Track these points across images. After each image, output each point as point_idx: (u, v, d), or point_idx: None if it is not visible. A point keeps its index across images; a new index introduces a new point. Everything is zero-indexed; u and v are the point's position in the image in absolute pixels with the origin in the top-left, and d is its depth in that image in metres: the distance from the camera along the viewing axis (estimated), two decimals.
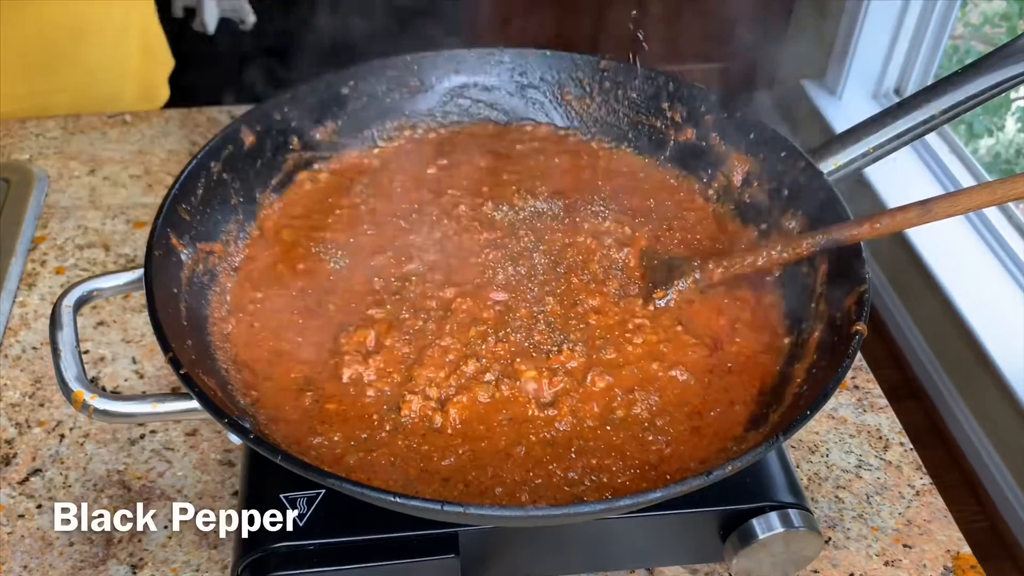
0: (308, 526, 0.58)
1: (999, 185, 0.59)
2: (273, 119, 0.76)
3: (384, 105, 0.83)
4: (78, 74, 1.17)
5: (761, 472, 0.62)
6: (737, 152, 0.77)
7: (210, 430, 0.75)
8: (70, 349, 0.57)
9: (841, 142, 0.71)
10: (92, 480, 0.71)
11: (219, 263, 0.70)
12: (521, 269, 0.71)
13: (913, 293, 2.05)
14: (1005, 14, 2.21)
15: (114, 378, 0.79)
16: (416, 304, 0.68)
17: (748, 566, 0.62)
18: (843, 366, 0.55)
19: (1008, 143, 2.18)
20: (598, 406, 0.61)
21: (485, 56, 0.84)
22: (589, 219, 0.76)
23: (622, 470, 0.58)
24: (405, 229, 0.75)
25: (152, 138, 1.07)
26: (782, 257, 0.66)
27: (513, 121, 0.86)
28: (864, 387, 0.82)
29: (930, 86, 0.69)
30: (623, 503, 0.48)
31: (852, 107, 2.31)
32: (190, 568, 0.66)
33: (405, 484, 0.56)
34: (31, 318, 0.84)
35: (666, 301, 0.69)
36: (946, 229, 1.95)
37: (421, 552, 0.58)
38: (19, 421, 0.76)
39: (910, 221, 0.62)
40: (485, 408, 0.61)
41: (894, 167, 2.08)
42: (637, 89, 0.82)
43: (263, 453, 0.50)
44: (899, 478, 0.74)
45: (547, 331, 0.66)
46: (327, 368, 0.63)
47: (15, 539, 0.67)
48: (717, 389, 0.64)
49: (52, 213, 0.96)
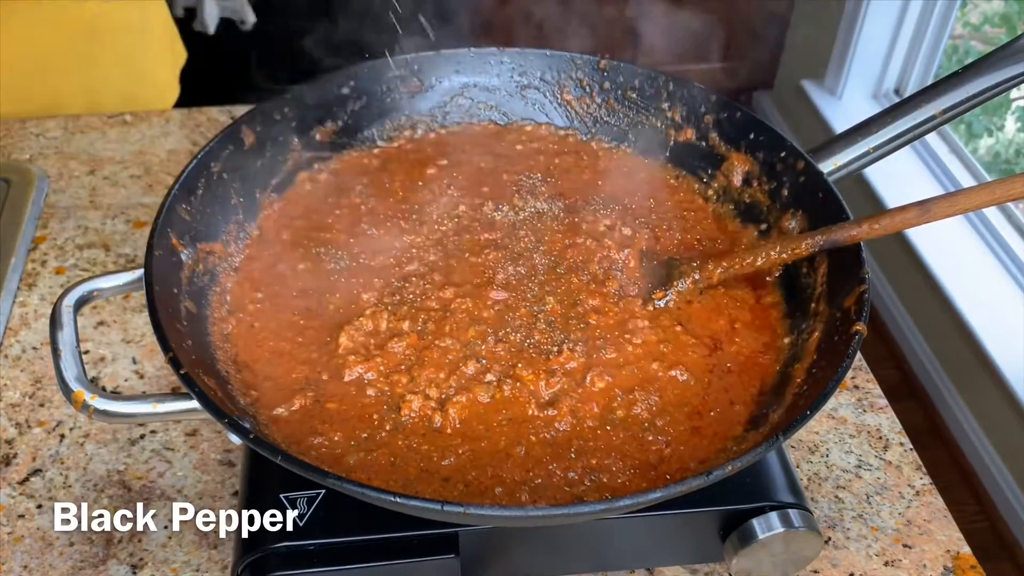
0: (308, 526, 0.58)
1: (998, 185, 0.59)
2: (273, 119, 0.76)
3: (384, 105, 0.83)
4: (95, 74, 1.17)
5: (761, 472, 0.62)
6: (737, 152, 0.77)
7: (210, 430, 0.75)
8: (70, 349, 0.57)
9: (841, 142, 0.71)
10: (92, 480, 0.71)
11: (219, 263, 0.70)
12: (521, 269, 0.71)
13: (913, 293, 2.05)
14: (1005, 14, 2.21)
15: (114, 378, 0.79)
16: (416, 304, 0.68)
17: (748, 566, 0.62)
18: (843, 366, 0.55)
19: (1008, 143, 2.18)
20: (598, 406, 0.61)
21: (485, 56, 0.84)
22: (589, 219, 0.76)
23: (622, 470, 0.58)
24: (405, 229, 0.75)
25: (152, 138, 1.07)
26: (781, 258, 0.66)
27: (513, 121, 0.86)
28: (864, 387, 0.82)
29: (930, 86, 0.69)
30: (623, 503, 0.48)
31: (852, 107, 2.31)
32: (190, 568, 0.66)
33: (405, 484, 0.56)
34: (31, 318, 0.84)
35: (665, 302, 0.69)
36: (946, 229, 1.95)
37: (421, 552, 0.58)
38: (19, 421, 0.76)
39: (909, 222, 0.62)
40: (485, 408, 0.61)
41: (894, 167, 2.08)
42: (637, 89, 0.82)
43: (263, 453, 0.50)
44: (899, 478, 0.74)
45: (547, 331, 0.66)
46: (327, 368, 0.63)
47: (15, 539, 0.67)
48: (717, 389, 0.64)
49: (52, 213, 0.96)
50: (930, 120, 0.68)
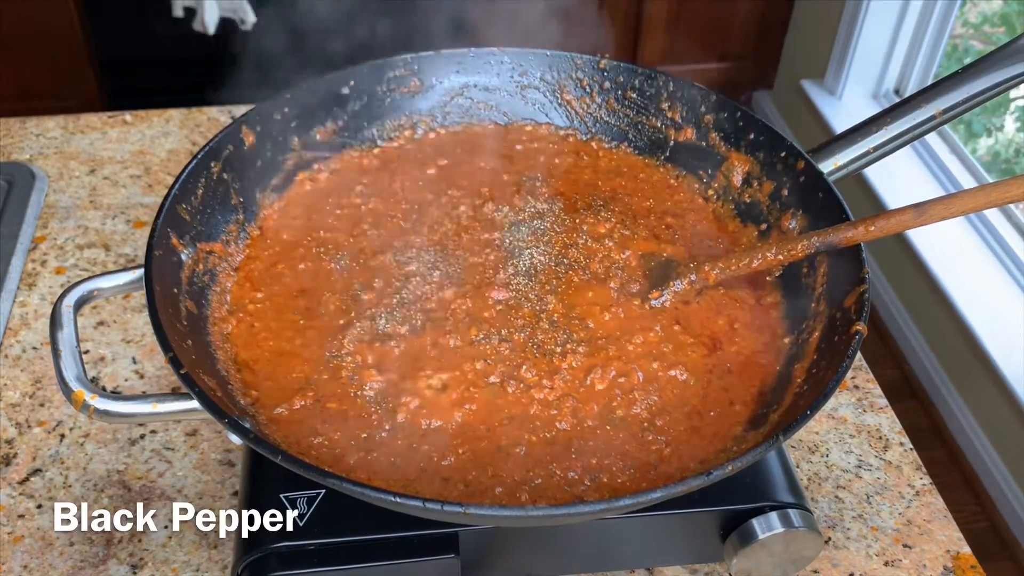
0: (308, 526, 0.58)
1: (993, 188, 0.59)
2: (273, 119, 0.76)
3: (384, 105, 0.83)
4: None
5: (761, 472, 0.62)
6: (737, 152, 0.77)
7: (210, 430, 0.75)
8: (70, 349, 0.57)
9: (841, 142, 0.71)
10: (92, 480, 0.71)
11: (219, 263, 0.70)
12: (522, 269, 0.71)
13: (913, 293, 2.05)
14: (1004, 14, 2.21)
15: (114, 378, 0.79)
16: (416, 304, 0.68)
17: (748, 566, 0.62)
18: (843, 366, 0.55)
19: (1008, 143, 2.18)
20: (598, 406, 0.61)
21: (485, 56, 0.84)
22: (589, 220, 0.76)
23: (622, 470, 0.58)
24: (405, 229, 0.75)
25: (152, 138, 1.07)
26: (778, 259, 0.66)
27: (513, 121, 0.86)
28: (864, 387, 0.82)
29: (930, 86, 0.69)
30: (623, 503, 0.48)
31: (852, 107, 2.31)
32: (190, 568, 0.66)
33: (405, 484, 0.56)
34: (31, 318, 0.84)
35: (661, 302, 0.69)
36: (946, 229, 1.95)
37: (421, 552, 0.58)
38: (19, 421, 0.76)
39: (905, 224, 0.62)
40: (485, 408, 0.61)
41: (894, 167, 2.08)
42: (637, 89, 0.82)
43: (263, 453, 0.50)
44: (899, 478, 0.74)
45: (550, 330, 0.66)
46: (327, 368, 0.63)
47: (15, 539, 0.67)
48: (717, 389, 0.64)
49: (52, 213, 0.96)
50: (930, 120, 0.68)
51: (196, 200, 0.68)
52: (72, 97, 2.14)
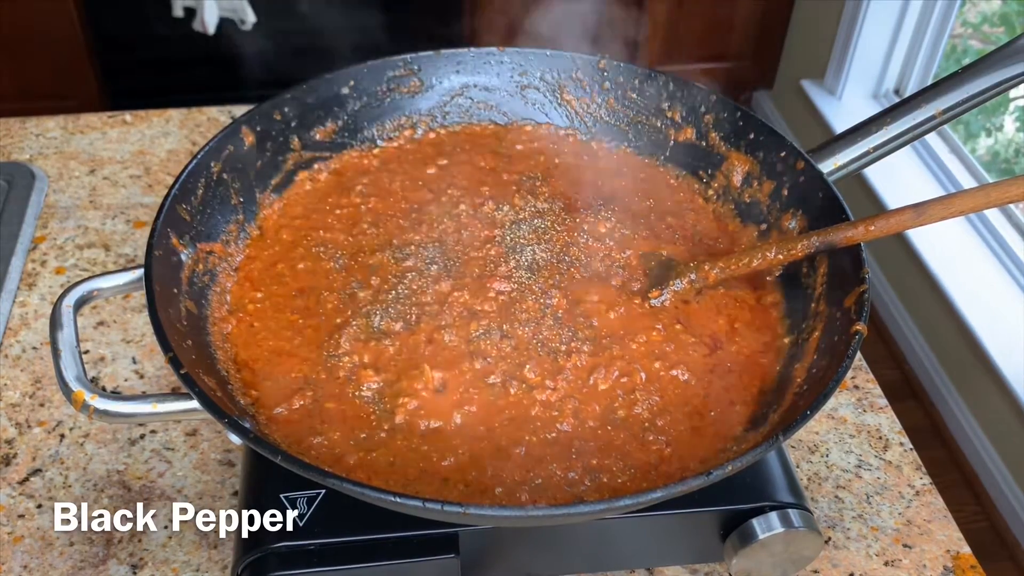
0: (308, 526, 0.58)
1: (993, 188, 0.59)
2: (273, 119, 0.76)
3: (384, 105, 0.83)
4: None
5: (761, 472, 0.62)
6: (737, 152, 0.77)
7: (210, 430, 0.75)
8: (70, 349, 0.57)
9: (841, 142, 0.71)
10: (92, 480, 0.71)
11: (219, 263, 0.70)
12: (523, 264, 0.71)
13: (913, 293, 2.05)
14: (1004, 14, 2.21)
15: (114, 378, 0.79)
16: (416, 303, 0.68)
17: (748, 566, 0.62)
18: (843, 366, 0.55)
19: (1007, 143, 2.18)
20: (600, 406, 0.61)
21: (485, 56, 0.84)
22: (590, 220, 0.76)
23: (622, 470, 0.58)
24: (405, 229, 0.75)
25: (152, 138, 1.07)
26: (777, 259, 0.66)
27: (513, 121, 0.86)
28: (864, 387, 0.82)
29: (930, 86, 0.69)
30: (623, 503, 0.48)
31: (852, 107, 2.31)
32: (190, 568, 0.66)
33: (405, 484, 0.56)
34: (31, 318, 0.84)
35: (660, 301, 0.69)
36: (946, 229, 1.95)
37: (421, 552, 0.58)
38: (19, 421, 0.76)
39: (904, 224, 0.62)
40: (485, 408, 0.61)
41: (894, 167, 2.08)
42: (637, 89, 0.82)
43: (263, 453, 0.50)
44: (899, 478, 0.74)
45: (555, 327, 0.66)
46: (325, 368, 0.63)
47: (15, 539, 0.67)
48: (717, 389, 0.64)
49: (52, 213, 0.96)
50: (930, 120, 0.68)
51: (196, 200, 0.68)
52: (72, 97, 2.14)
